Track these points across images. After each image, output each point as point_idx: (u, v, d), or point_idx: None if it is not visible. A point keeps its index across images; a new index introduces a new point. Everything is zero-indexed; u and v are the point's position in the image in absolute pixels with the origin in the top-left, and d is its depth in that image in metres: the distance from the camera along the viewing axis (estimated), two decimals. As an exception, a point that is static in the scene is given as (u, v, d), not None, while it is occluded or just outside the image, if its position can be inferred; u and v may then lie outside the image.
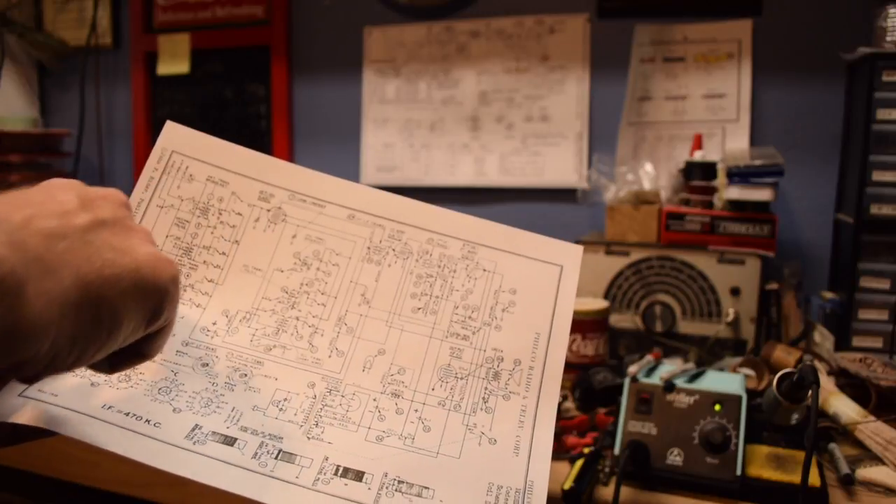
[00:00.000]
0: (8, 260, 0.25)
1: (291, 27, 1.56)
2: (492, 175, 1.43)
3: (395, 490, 0.39)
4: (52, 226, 0.28)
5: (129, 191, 0.48)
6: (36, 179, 0.32)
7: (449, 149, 1.46)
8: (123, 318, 0.30)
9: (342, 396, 0.43)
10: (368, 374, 0.44)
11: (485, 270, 0.48)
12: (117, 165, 1.75)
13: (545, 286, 0.48)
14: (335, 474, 0.39)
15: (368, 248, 0.49)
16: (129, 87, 1.69)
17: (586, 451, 0.74)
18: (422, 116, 1.48)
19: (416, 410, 0.43)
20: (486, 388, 0.44)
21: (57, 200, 0.30)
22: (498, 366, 0.45)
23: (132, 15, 1.67)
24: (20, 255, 0.26)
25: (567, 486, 0.67)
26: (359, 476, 0.39)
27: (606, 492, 0.68)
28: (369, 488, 0.39)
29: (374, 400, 0.43)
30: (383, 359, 0.45)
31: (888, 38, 1.00)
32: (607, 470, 0.71)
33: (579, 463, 0.70)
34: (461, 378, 0.45)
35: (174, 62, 1.64)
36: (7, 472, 0.99)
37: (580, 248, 0.50)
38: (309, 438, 0.41)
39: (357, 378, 0.44)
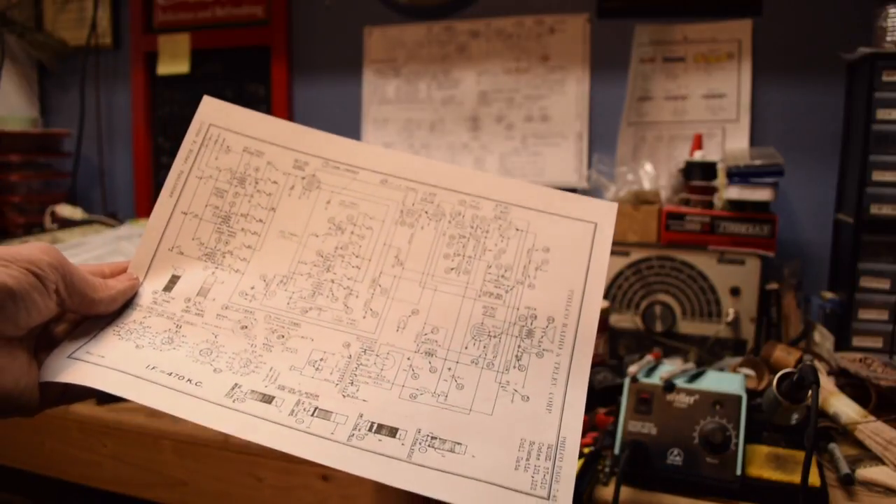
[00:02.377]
0: None
1: (291, 27, 1.56)
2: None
3: (428, 445, 0.39)
4: None
5: (129, 190, 0.49)
6: (36, 179, 0.32)
7: (449, 149, 1.46)
8: None
9: (377, 356, 0.44)
10: (402, 333, 0.45)
11: (518, 230, 0.49)
12: (117, 165, 1.75)
13: (579, 244, 0.48)
14: (370, 430, 0.40)
15: (401, 211, 0.49)
16: (129, 87, 1.69)
17: (586, 451, 0.74)
18: (422, 116, 1.47)
19: (450, 369, 0.44)
20: (519, 346, 0.45)
21: None
22: (531, 324, 0.45)
23: (132, 15, 1.67)
24: None
25: (567, 486, 0.66)
26: (392, 432, 0.40)
27: (606, 492, 0.68)
28: (403, 444, 0.39)
29: (408, 359, 0.44)
30: (417, 318, 0.46)
31: (888, 38, 1.00)
32: (607, 470, 0.71)
33: (579, 463, 0.70)
34: (494, 336, 0.45)
35: (174, 62, 1.64)
36: (7, 472, 0.99)
37: (615, 205, 0.49)
38: (344, 396, 0.42)
39: (391, 338, 0.45)
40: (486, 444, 0.40)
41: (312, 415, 0.40)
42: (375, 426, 0.40)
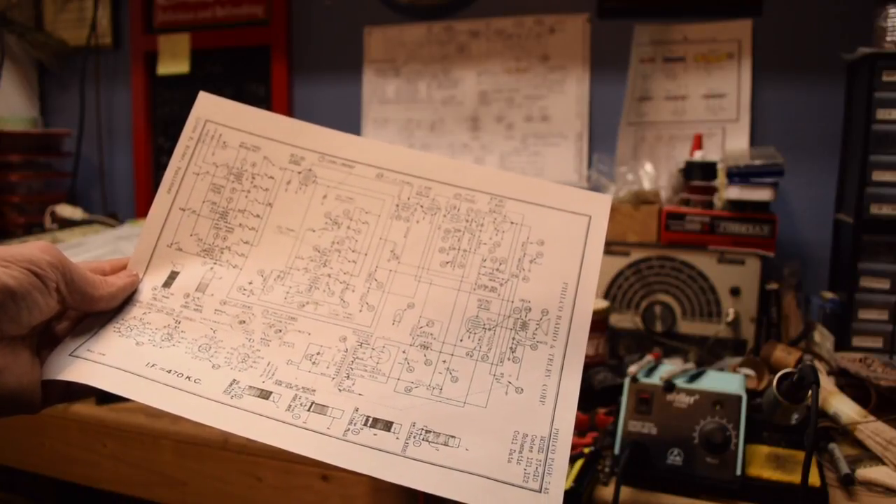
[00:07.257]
0: None
1: (291, 27, 1.56)
2: (492, 175, 1.43)
3: (423, 439, 0.40)
4: None
5: (129, 190, 0.49)
6: (36, 179, 0.32)
7: (449, 149, 1.46)
8: None
9: (372, 349, 0.44)
10: (398, 327, 0.46)
11: (512, 223, 0.49)
12: (117, 165, 1.75)
13: (573, 236, 0.49)
14: (365, 424, 0.40)
15: (397, 205, 0.50)
16: (129, 87, 1.69)
17: (586, 451, 0.74)
18: (422, 116, 1.47)
19: (445, 361, 0.44)
20: (513, 339, 0.45)
21: None
22: (525, 316, 0.46)
23: (132, 15, 1.67)
24: None
25: (567, 486, 0.67)
26: (387, 426, 0.40)
27: (606, 492, 0.68)
28: (397, 437, 0.40)
29: (404, 352, 0.44)
30: (412, 312, 0.46)
31: (888, 38, 1.00)
32: (607, 470, 0.71)
33: (579, 463, 0.70)
34: (489, 329, 0.45)
35: (174, 62, 1.64)
36: (7, 472, 0.99)
37: (609, 197, 0.50)
38: (340, 390, 0.42)
39: (387, 331, 0.45)
40: (480, 436, 0.40)
41: (309, 409, 0.40)
42: (371, 420, 0.40)
